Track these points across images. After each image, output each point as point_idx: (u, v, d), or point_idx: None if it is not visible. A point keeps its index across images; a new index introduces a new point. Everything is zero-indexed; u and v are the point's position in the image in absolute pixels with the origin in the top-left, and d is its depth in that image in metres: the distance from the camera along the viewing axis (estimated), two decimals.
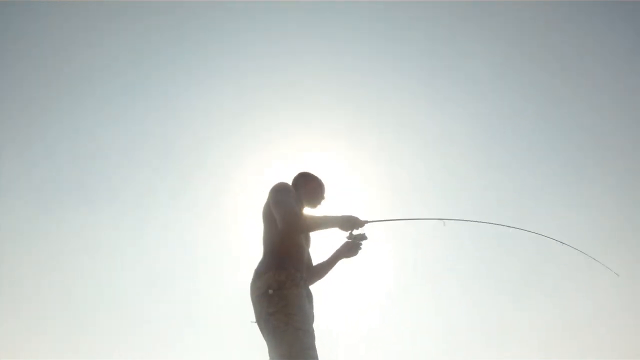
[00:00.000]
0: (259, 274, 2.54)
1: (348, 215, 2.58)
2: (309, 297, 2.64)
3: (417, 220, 2.78)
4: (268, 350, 2.46)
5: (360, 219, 2.60)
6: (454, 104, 8.24)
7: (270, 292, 2.44)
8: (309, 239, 2.87)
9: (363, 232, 2.64)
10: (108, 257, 7.70)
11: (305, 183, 2.82)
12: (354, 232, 2.63)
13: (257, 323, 2.52)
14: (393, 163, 7.94)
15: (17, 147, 7.80)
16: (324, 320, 2.67)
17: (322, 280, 2.87)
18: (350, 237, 2.66)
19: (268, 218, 2.63)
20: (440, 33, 8.06)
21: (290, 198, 2.59)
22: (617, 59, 8.02)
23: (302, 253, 2.66)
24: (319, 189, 2.83)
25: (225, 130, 8.12)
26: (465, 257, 7.76)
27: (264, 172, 7.15)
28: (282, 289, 2.44)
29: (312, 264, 2.85)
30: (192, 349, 6.73)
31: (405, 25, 7.93)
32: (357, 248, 2.77)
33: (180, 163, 8.21)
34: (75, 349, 6.62)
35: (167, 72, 8.14)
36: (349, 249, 2.79)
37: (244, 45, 7.89)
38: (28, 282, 7.30)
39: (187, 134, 8.17)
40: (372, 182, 7.32)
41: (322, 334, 2.54)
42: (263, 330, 2.48)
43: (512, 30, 8.10)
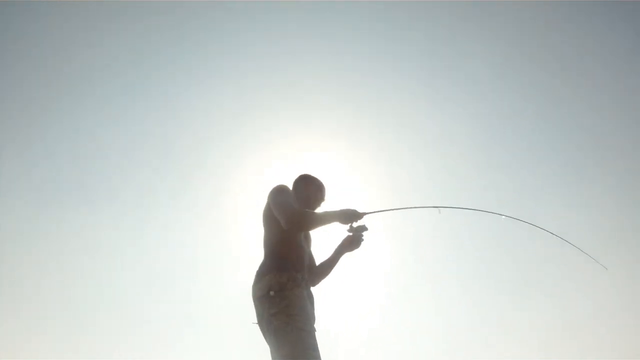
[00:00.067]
0: (260, 276, 2.55)
1: (346, 209, 2.61)
2: (310, 298, 2.65)
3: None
4: (270, 352, 2.46)
5: (359, 211, 2.63)
6: (454, 104, 8.24)
7: (272, 293, 2.45)
8: (310, 239, 2.87)
9: (363, 223, 2.68)
10: (108, 257, 7.71)
11: (305, 185, 2.83)
12: (354, 224, 2.67)
13: (258, 324, 2.53)
14: (393, 163, 7.94)
15: (17, 147, 7.80)
16: (324, 321, 2.67)
17: (327, 278, 2.88)
18: (351, 229, 2.69)
19: (268, 220, 2.65)
20: (440, 33, 8.06)
21: (290, 198, 2.61)
22: (617, 59, 8.03)
23: (302, 254, 2.67)
24: (319, 192, 2.84)
25: (225, 130, 8.13)
26: (465, 256, 7.76)
27: (264, 172, 7.15)
28: (283, 290, 2.45)
29: (315, 264, 2.86)
30: (192, 349, 6.74)
31: (405, 25, 7.93)
32: (358, 241, 2.79)
33: (180, 163, 8.21)
34: (75, 349, 6.62)
35: (167, 72, 8.14)
36: (351, 243, 2.82)
37: (244, 45, 7.90)
38: (28, 282, 7.31)
39: (187, 134, 8.17)
40: (372, 182, 7.32)
41: (322, 334, 2.55)
42: (265, 332, 2.49)
43: (512, 30, 8.11)
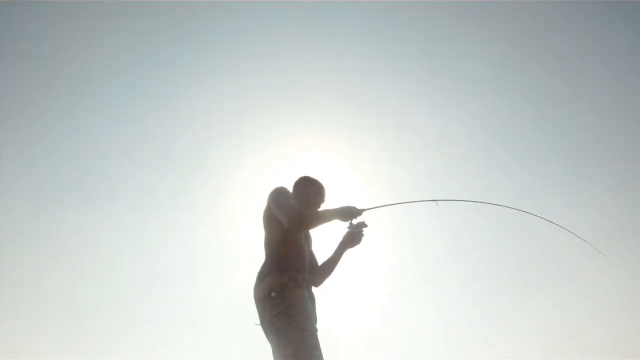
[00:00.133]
0: (262, 277, 2.56)
1: (346, 206, 2.65)
2: (312, 298, 2.66)
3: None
4: (272, 352, 2.47)
5: (358, 208, 2.66)
6: (454, 104, 8.24)
7: (273, 294, 2.46)
8: (310, 239, 2.88)
9: (362, 220, 2.71)
10: (108, 257, 7.71)
11: (305, 186, 2.84)
12: (354, 221, 2.70)
13: (260, 325, 2.54)
14: (393, 163, 7.94)
15: (17, 147, 7.80)
16: (324, 320, 2.68)
17: (330, 277, 2.89)
18: (351, 226, 2.73)
19: (268, 222, 2.66)
20: (440, 33, 8.07)
21: (290, 199, 2.63)
22: (617, 59, 8.03)
23: (303, 255, 2.68)
24: (318, 193, 2.84)
25: (225, 130, 8.13)
26: (465, 255, 7.76)
27: (264, 172, 7.15)
28: (284, 291, 2.47)
29: (316, 264, 2.87)
30: (192, 349, 6.74)
31: (405, 25, 7.93)
32: (359, 237, 2.81)
33: (180, 163, 8.21)
34: (75, 349, 6.62)
35: (167, 72, 8.14)
36: (352, 239, 2.83)
37: (244, 45, 7.90)
38: (28, 282, 7.31)
39: (187, 134, 8.18)
40: (372, 182, 7.32)
41: (322, 334, 2.55)
42: (267, 332, 2.50)
43: (512, 30, 8.11)
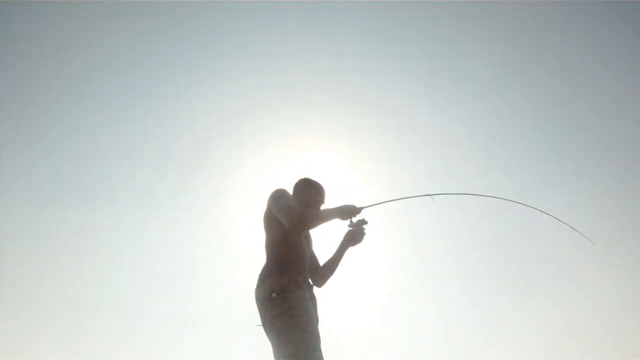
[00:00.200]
0: (263, 279, 2.58)
1: (345, 205, 2.67)
2: (313, 299, 2.67)
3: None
4: (273, 353, 2.48)
5: (357, 206, 2.68)
6: (454, 104, 8.24)
7: (274, 295, 2.48)
8: (310, 240, 2.89)
9: (362, 217, 2.73)
10: (108, 257, 7.71)
11: (305, 188, 2.85)
12: (353, 219, 2.72)
13: (262, 326, 2.56)
14: (393, 163, 7.94)
15: (17, 147, 7.80)
16: (324, 320, 2.68)
17: (333, 276, 2.90)
18: (351, 224, 2.74)
19: (269, 223, 2.68)
20: (440, 33, 8.07)
21: (290, 200, 2.66)
22: (617, 59, 8.03)
23: (303, 256, 2.69)
24: (318, 194, 2.85)
25: (225, 130, 8.13)
26: (464, 253, 7.77)
27: (264, 172, 7.15)
28: (285, 292, 2.48)
29: (318, 265, 2.88)
30: (192, 349, 6.74)
31: (405, 25, 7.93)
32: (361, 234, 2.82)
33: (180, 163, 8.21)
34: (75, 349, 6.62)
35: (167, 72, 8.14)
36: (353, 237, 2.84)
37: (244, 45, 7.90)
38: (28, 282, 7.31)
39: (187, 134, 8.18)
40: (372, 182, 7.31)
41: (322, 334, 2.56)
42: (268, 333, 2.51)
43: (512, 30, 8.11)
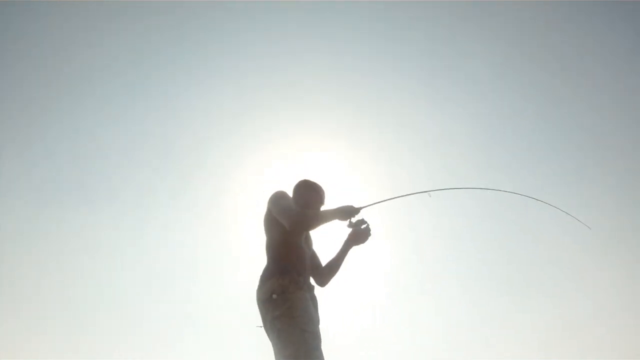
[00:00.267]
0: (263, 281, 2.59)
1: (344, 206, 2.67)
2: (314, 300, 2.67)
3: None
4: (274, 353, 2.48)
5: (355, 206, 2.68)
6: (454, 104, 8.24)
7: (274, 296, 2.49)
8: (310, 241, 2.89)
9: (361, 217, 2.72)
10: (108, 257, 7.71)
11: (305, 190, 2.85)
12: (353, 219, 2.71)
13: (263, 327, 2.56)
14: (393, 163, 7.94)
15: (17, 147, 7.81)
16: (324, 320, 2.68)
17: (336, 275, 2.90)
18: (350, 225, 2.73)
19: (269, 226, 2.68)
20: (440, 33, 8.07)
21: (290, 202, 2.66)
22: (617, 59, 8.03)
23: (303, 257, 2.70)
24: (318, 196, 2.85)
25: (225, 130, 8.14)
26: (465, 255, 7.77)
27: (264, 172, 7.16)
28: (285, 293, 2.49)
29: (320, 265, 2.89)
30: (192, 349, 6.74)
31: (405, 25, 7.93)
32: (366, 234, 2.81)
33: (180, 163, 8.22)
34: (75, 349, 6.62)
35: (167, 72, 8.15)
36: (357, 237, 2.84)
37: (244, 45, 7.90)
38: (28, 282, 7.31)
39: (187, 134, 8.18)
40: (372, 182, 7.32)
41: (322, 334, 2.55)
42: (269, 334, 2.52)
43: (512, 30, 8.11)
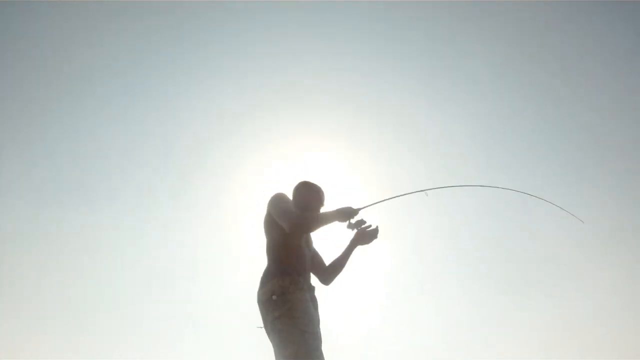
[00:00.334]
0: (264, 282, 2.60)
1: (342, 208, 2.67)
2: (314, 301, 2.68)
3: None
4: (274, 354, 2.49)
5: (354, 208, 2.68)
6: (454, 104, 8.25)
7: (274, 297, 2.50)
8: (310, 241, 2.90)
9: (360, 218, 2.71)
10: (108, 257, 7.71)
11: (305, 191, 2.85)
12: (352, 221, 2.71)
13: (264, 328, 2.57)
14: (393, 163, 7.95)
15: (17, 147, 7.81)
16: (325, 321, 2.68)
17: (341, 274, 2.92)
18: (350, 226, 2.73)
19: (269, 227, 2.69)
20: (440, 33, 8.07)
21: (289, 205, 2.67)
22: (617, 59, 8.03)
23: (304, 258, 2.70)
24: (318, 197, 2.85)
25: (225, 130, 8.14)
26: (465, 255, 7.77)
27: (264, 172, 7.16)
28: (285, 294, 2.50)
29: (323, 264, 2.90)
30: (192, 349, 6.74)
31: (405, 25, 7.93)
32: (372, 235, 2.83)
33: (180, 163, 8.22)
34: (75, 349, 6.62)
35: (167, 72, 8.15)
36: (363, 237, 2.85)
37: (244, 45, 7.90)
38: (28, 282, 7.31)
39: (187, 134, 8.19)
40: (372, 182, 7.32)
41: (323, 334, 2.56)
42: (269, 335, 2.52)
43: (512, 30, 8.11)
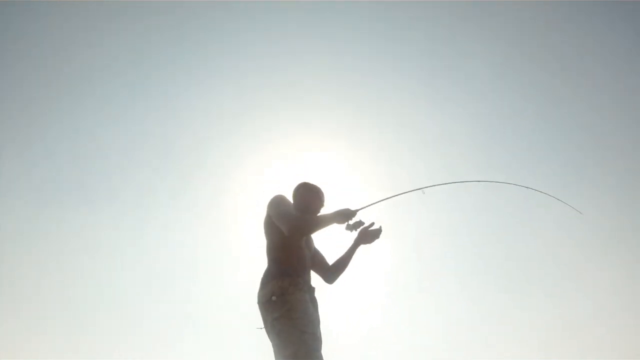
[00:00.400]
0: (264, 283, 2.62)
1: (340, 209, 2.67)
2: (314, 302, 2.68)
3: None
4: (274, 354, 2.50)
5: (351, 209, 2.68)
6: (454, 104, 8.25)
7: (274, 298, 2.51)
8: (311, 242, 2.91)
9: (358, 219, 2.72)
10: (108, 257, 7.71)
11: (304, 193, 2.85)
12: (350, 222, 2.71)
13: (264, 329, 2.58)
14: (393, 163, 7.95)
15: (17, 147, 7.81)
16: (325, 320, 2.68)
17: (344, 273, 2.94)
18: (348, 227, 2.73)
19: (269, 229, 2.70)
20: (440, 33, 8.08)
21: (289, 207, 2.68)
22: (617, 59, 8.03)
23: (304, 259, 2.71)
24: (317, 198, 2.86)
25: (225, 130, 8.15)
26: (464, 253, 7.77)
27: (264, 172, 7.17)
28: (285, 295, 2.51)
29: (326, 263, 2.92)
30: (192, 349, 6.74)
31: (405, 25, 7.94)
32: (375, 234, 2.85)
33: (180, 163, 8.23)
34: (75, 349, 6.62)
35: (167, 72, 8.16)
36: (366, 236, 2.87)
37: (244, 45, 7.91)
38: (28, 282, 7.31)
39: (187, 134, 8.19)
40: (372, 182, 7.32)
41: (323, 334, 2.56)
42: (269, 335, 2.54)
43: (512, 30, 8.12)
